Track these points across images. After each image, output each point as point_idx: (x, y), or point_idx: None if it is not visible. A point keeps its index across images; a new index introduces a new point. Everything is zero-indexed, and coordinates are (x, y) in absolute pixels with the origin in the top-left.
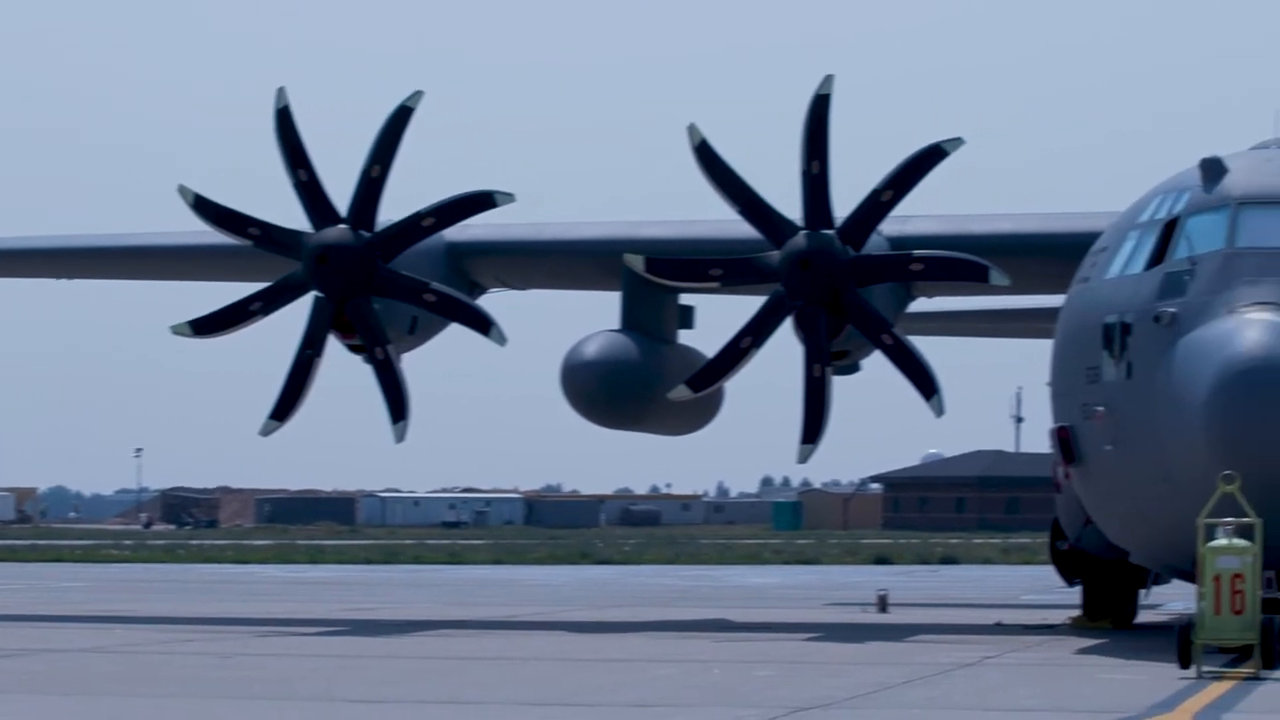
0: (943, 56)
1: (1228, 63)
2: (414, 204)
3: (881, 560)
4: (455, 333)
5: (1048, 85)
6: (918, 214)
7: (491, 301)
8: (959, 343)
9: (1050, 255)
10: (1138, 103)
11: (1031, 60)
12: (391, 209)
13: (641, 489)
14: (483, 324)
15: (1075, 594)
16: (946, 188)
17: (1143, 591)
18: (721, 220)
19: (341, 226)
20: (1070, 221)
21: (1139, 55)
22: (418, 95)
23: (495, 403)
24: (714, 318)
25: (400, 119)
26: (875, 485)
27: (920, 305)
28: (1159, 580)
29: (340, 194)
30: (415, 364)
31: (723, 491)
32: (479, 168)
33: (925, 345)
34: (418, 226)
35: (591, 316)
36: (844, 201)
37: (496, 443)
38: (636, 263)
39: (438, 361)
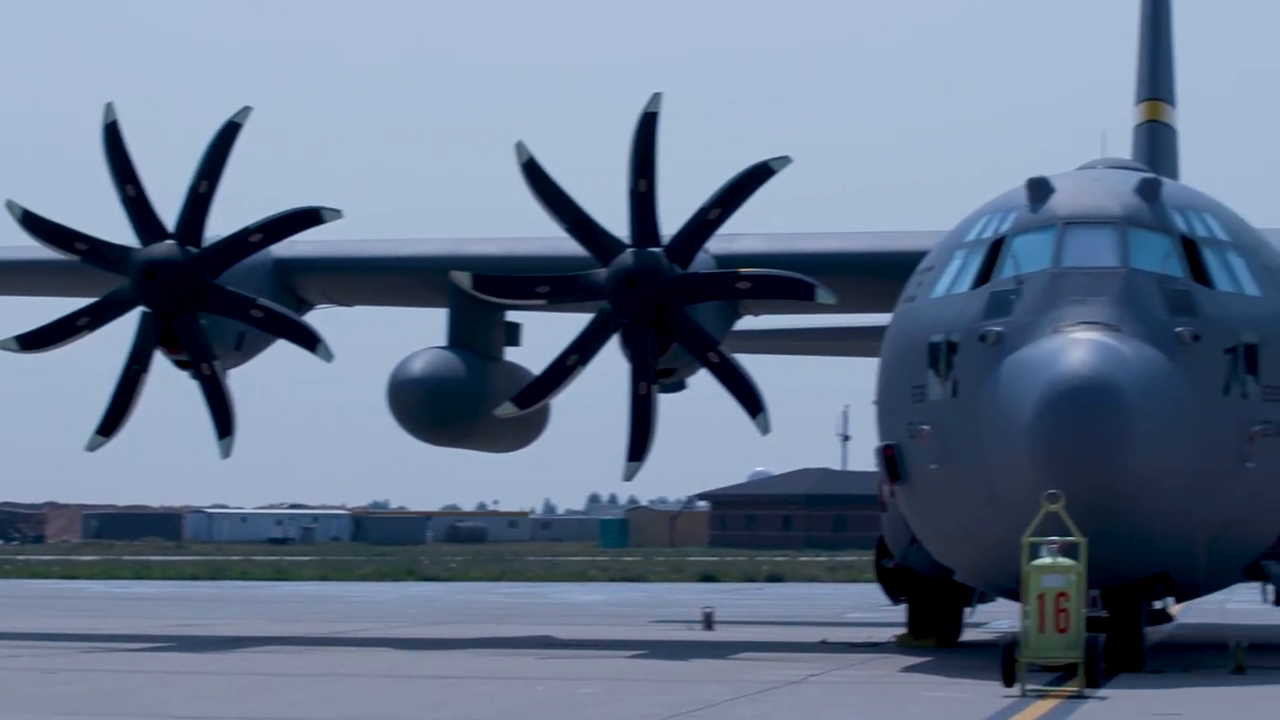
0: (773, 76)
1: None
2: (245, 219)
3: (707, 578)
4: (282, 349)
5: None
6: (746, 232)
7: (319, 318)
8: (786, 361)
9: (877, 274)
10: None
11: (860, 81)
12: (221, 224)
13: (468, 506)
14: (309, 340)
15: (901, 612)
16: (775, 206)
17: (968, 610)
18: (549, 238)
19: (169, 242)
20: (897, 240)
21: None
22: (246, 111)
23: (322, 419)
24: (541, 335)
25: (228, 135)
26: (702, 503)
27: (748, 323)
28: (984, 598)
29: (171, 210)
30: (242, 380)
31: (550, 509)
32: (308, 184)
33: (752, 363)
34: (245, 242)
35: (419, 333)
36: (676, 220)
37: (324, 459)
38: (463, 280)
39: (265, 377)
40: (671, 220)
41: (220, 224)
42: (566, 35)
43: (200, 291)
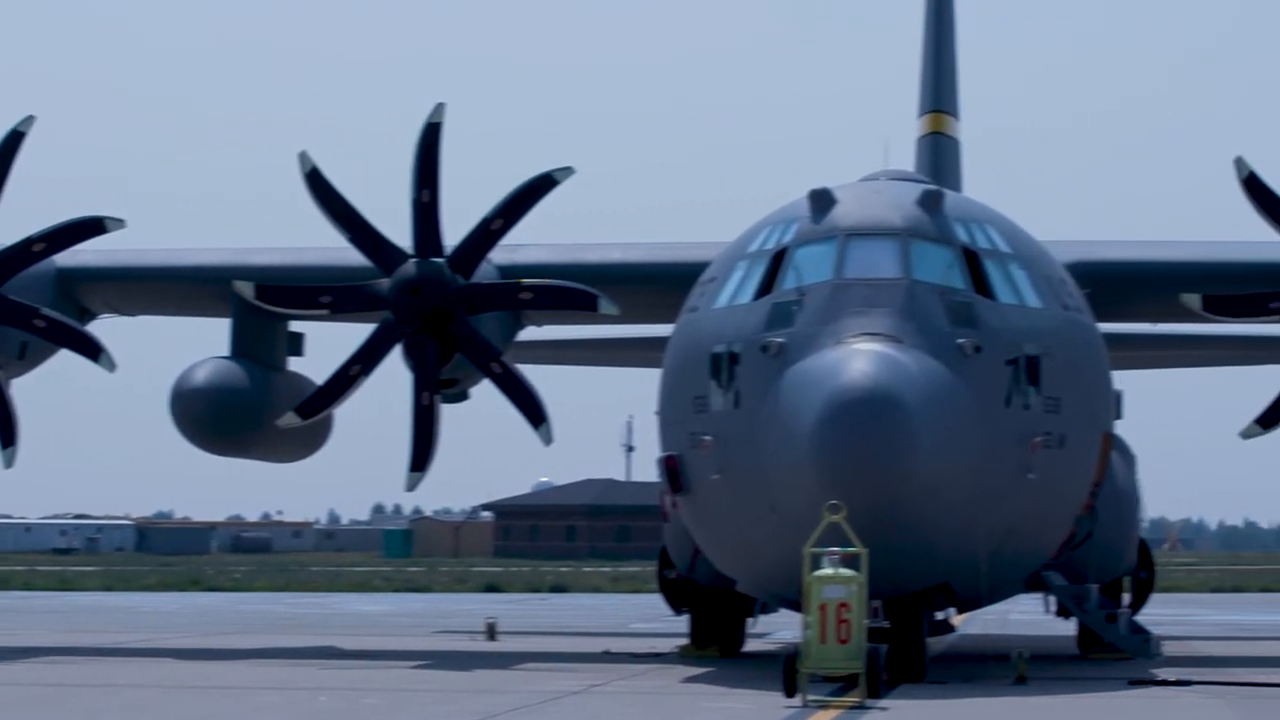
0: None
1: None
2: (29, 228)
3: (491, 588)
4: (66, 358)
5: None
6: (529, 243)
7: (102, 327)
8: (570, 371)
9: (660, 285)
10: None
11: (645, 93)
12: (4, 233)
13: (253, 516)
14: (92, 350)
15: (683, 622)
16: (558, 217)
17: (750, 620)
18: (334, 248)
19: None
20: (679, 251)
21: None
22: (29, 120)
23: (106, 429)
24: (324, 345)
25: (11, 144)
26: (486, 513)
27: (532, 333)
28: (767, 609)
29: None
30: (25, 389)
31: (334, 519)
32: (92, 194)
33: (536, 374)
34: (28, 252)
35: (202, 343)
36: (463, 230)
37: (108, 469)
38: (246, 290)
39: (48, 387)
40: (458, 231)
41: (3, 233)
42: (353, 45)
43: None
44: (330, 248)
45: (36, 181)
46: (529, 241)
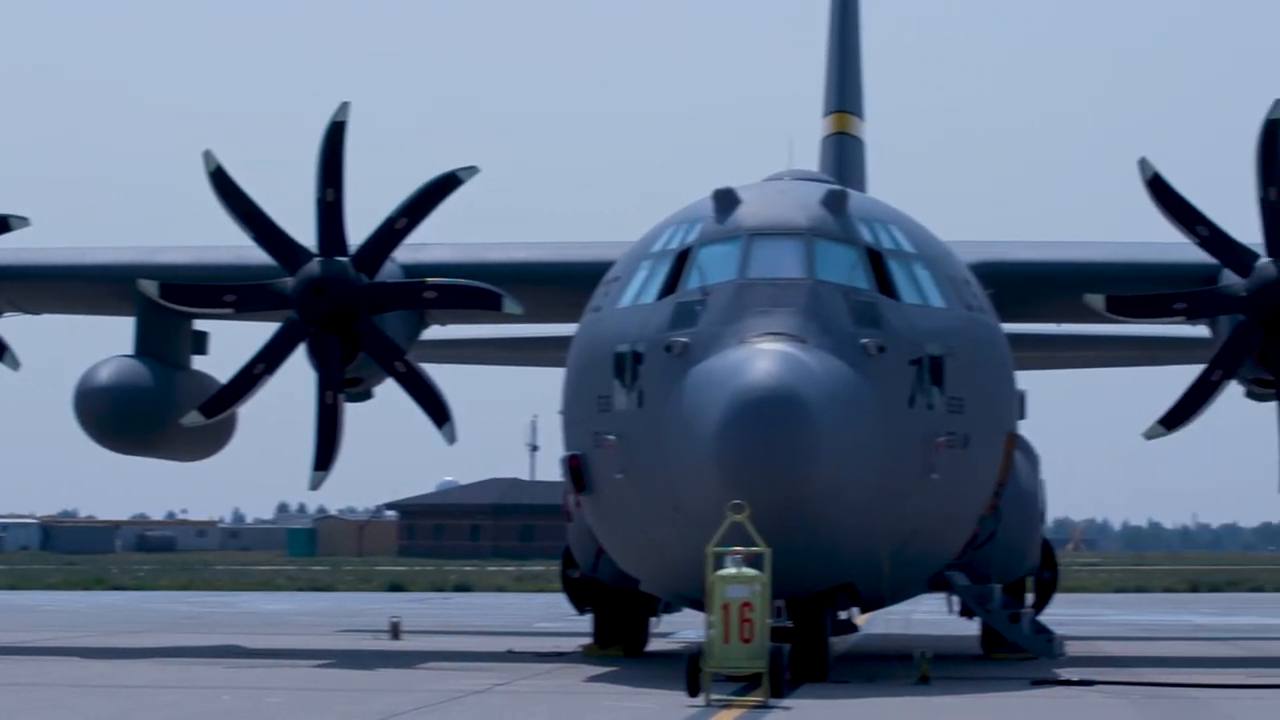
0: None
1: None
2: None
3: (395, 587)
4: None
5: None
6: (433, 242)
7: (6, 326)
8: (475, 371)
9: (564, 284)
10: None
11: (551, 91)
12: None
13: (158, 515)
14: None
15: (587, 622)
16: (463, 217)
17: (654, 620)
18: (238, 246)
19: None
20: (583, 251)
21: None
22: None
23: (10, 427)
24: (229, 344)
25: None
26: (390, 512)
27: (436, 333)
28: (670, 608)
29: None
30: None
31: (239, 518)
32: None
33: (441, 373)
34: None
35: (107, 341)
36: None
37: (12, 467)
38: (150, 288)
39: None
40: (364, 230)
41: None
42: (260, 44)
43: None
44: (236, 246)
45: None
46: (433, 241)
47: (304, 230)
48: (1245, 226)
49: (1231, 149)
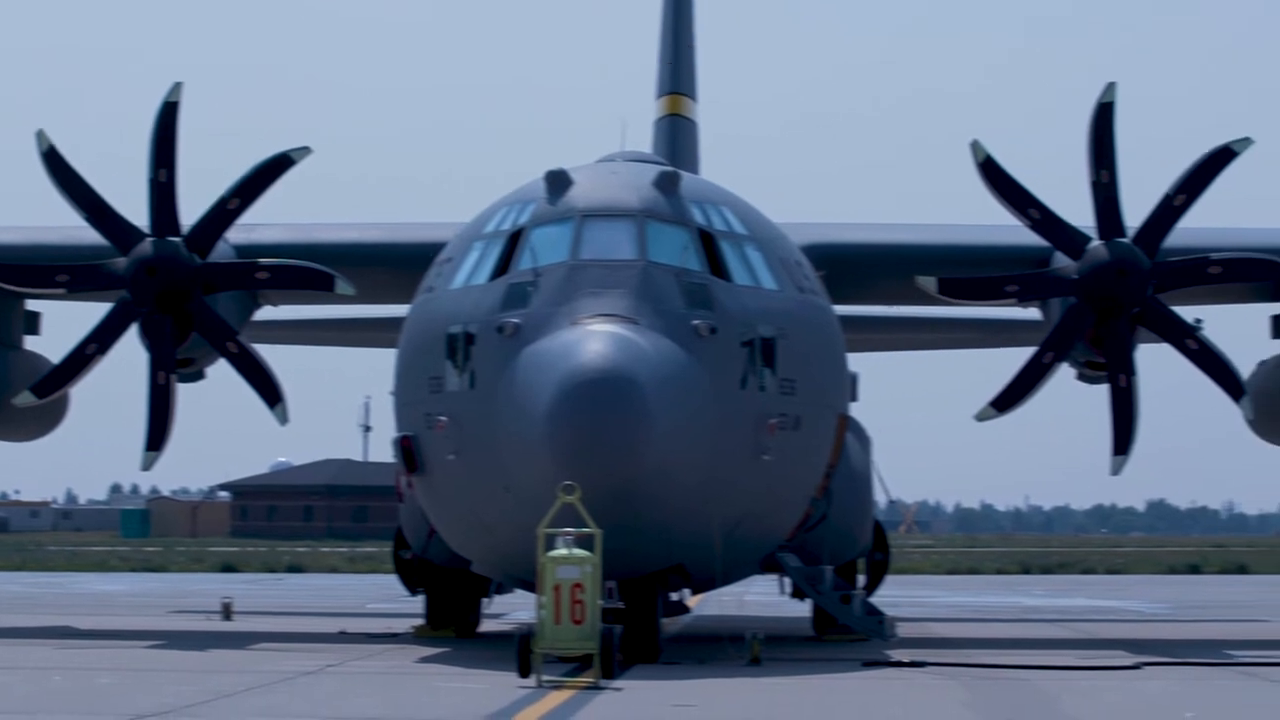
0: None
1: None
2: None
3: (228, 568)
4: None
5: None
6: (266, 223)
7: None
8: (309, 351)
9: (397, 265)
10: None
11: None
12: None
13: None
14: None
15: (420, 603)
16: (296, 197)
17: (486, 601)
18: (72, 227)
19: None
20: (416, 232)
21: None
22: None
23: None
24: (62, 324)
25: None
26: (224, 493)
27: (270, 313)
28: (502, 589)
29: None
30: None
31: (71, 498)
32: None
33: (274, 354)
34: None
35: None
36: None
37: None
38: None
39: None
40: (197, 210)
41: None
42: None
43: None
44: (68, 227)
45: None
46: (266, 221)
47: (138, 211)
48: (1080, 209)
49: (1066, 132)
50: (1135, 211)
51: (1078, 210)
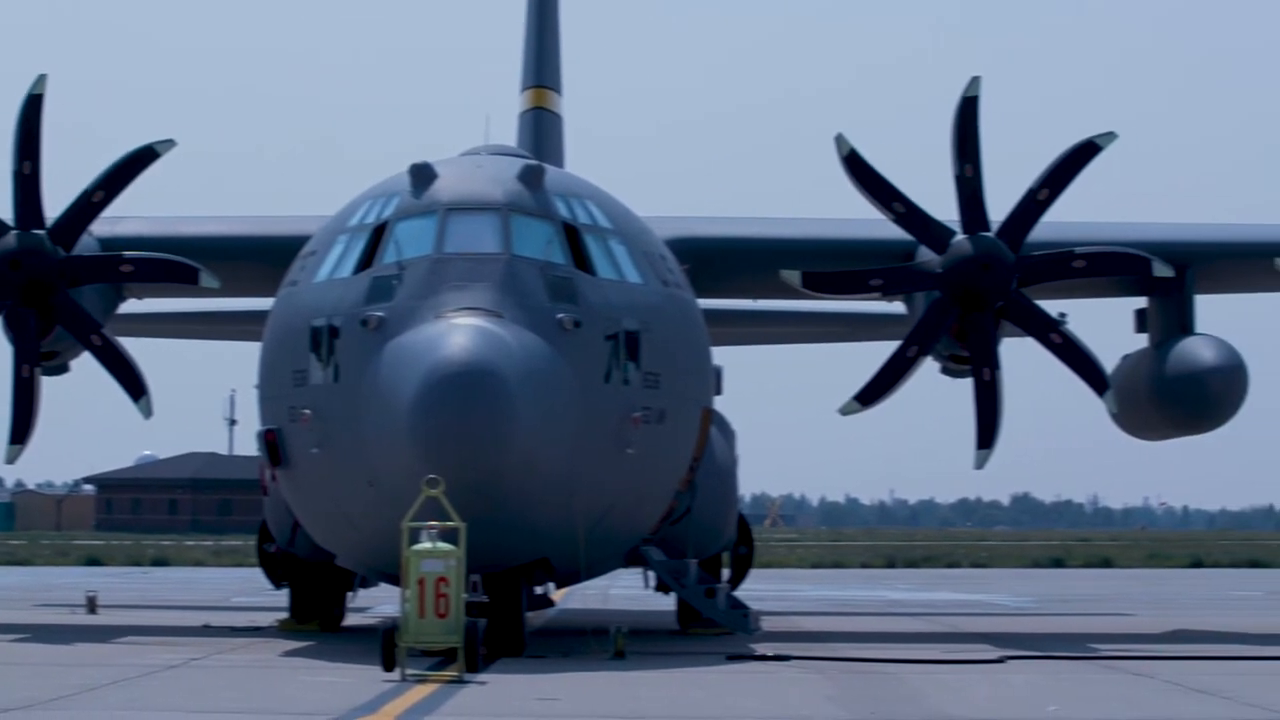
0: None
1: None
2: None
3: (93, 561)
4: None
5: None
6: (130, 215)
7: None
8: (174, 344)
9: (261, 258)
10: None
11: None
12: None
13: None
14: None
15: (284, 596)
16: (160, 190)
17: (351, 594)
18: None
19: None
20: (280, 225)
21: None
22: None
23: None
24: None
25: None
26: (88, 486)
27: (134, 306)
28: (366, 583)
29: None
30: None
31: None
32: None
33: (139, 347)
34: None
35: None
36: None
37: None
38: None
39: None
40: (61, 203)
41: None
42: None
43: None
44: None
45: None
46: (130, 214)
47: (3, 205)
48: (948, 205)
49: (934, 127)
50: (1003, 206)
51: (946, 206)
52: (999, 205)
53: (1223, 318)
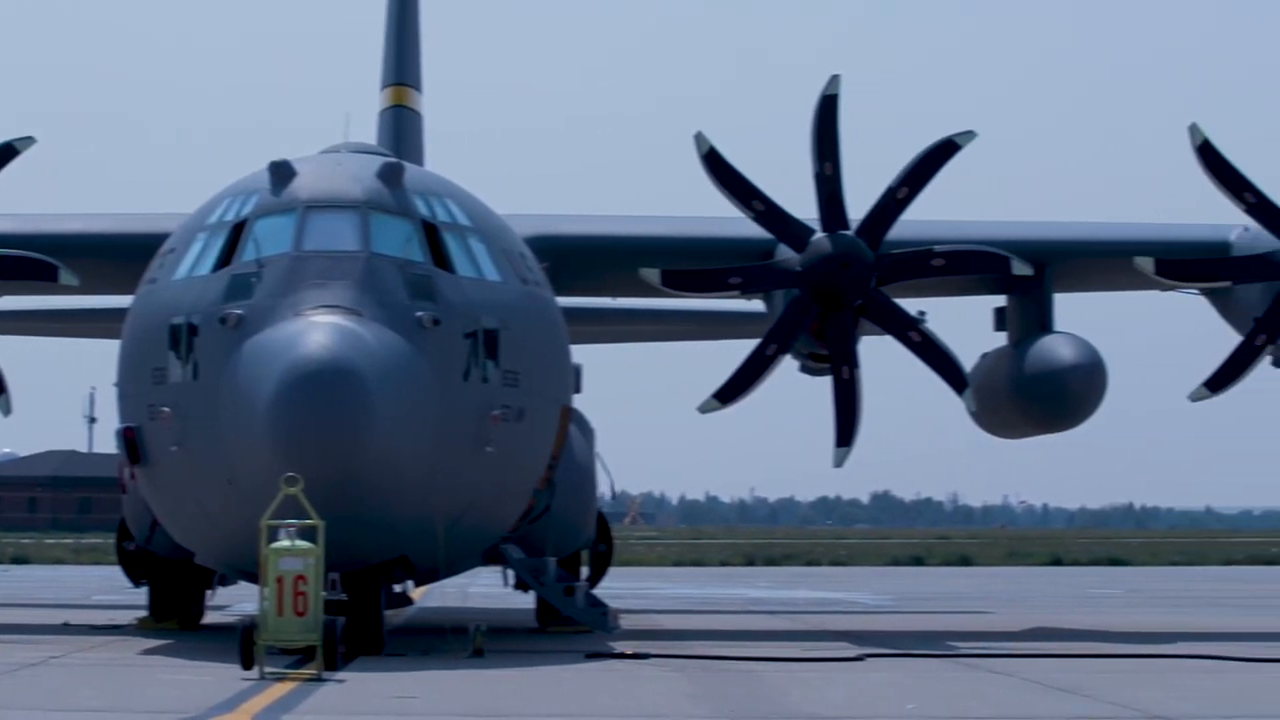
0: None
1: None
2: None
3: None
4: None
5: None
6: None
7: None
8: (33, 342)
9: (122, 256)
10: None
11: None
12: None
13: None
14: None
15: (143, 594)
16: (22, 186)
17: (210, 592)
18: None
19: None
20: (139, 222)
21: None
22: None
23: None
24: None
25: None
26: None
27: None
28: (226, 581)
29: None
30: None
31: None
32: None
33: (1, 344)
34: None
35: None
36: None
37: None
38: None
39: None
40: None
41: None
42: None
43: None
44: None
45: None
46: None
47: None
48: (808, 204)
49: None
50: (864, 205)
51: (809, 206)
52: (859, 204)
53: (1082, 316)
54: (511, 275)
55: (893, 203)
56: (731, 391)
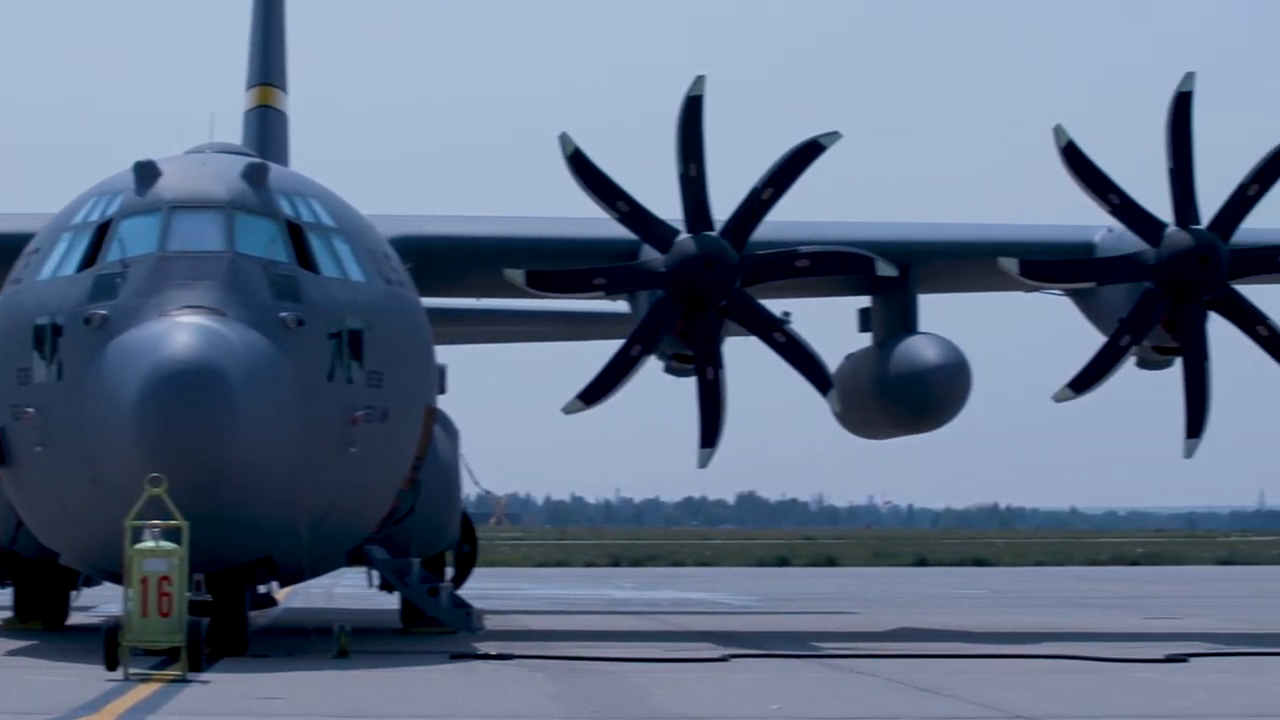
0: None
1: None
2: None
3: None
4: None
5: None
6: None
7: None
8: None
9: None
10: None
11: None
12: None
13: None
14: None
15: (7, 595)
16: None
17: (75, 593)
18: None
19: None
20: (4, 222)
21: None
22: None
23: None
24: None
25: None
26: None
27: None
28: (91, 582)
29: None
30: None
31: None
32: None
33: None
34: None
35: None
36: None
37: None
38: None
39: None
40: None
41: None
42: None
43: None
44: None
45: None
46: None
47: None
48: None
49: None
50: (729, 206)
51: (675, 206)
52: (725, 205)
53: (946, 317)
54: (376, 276)
55: (757, 203)
56: (596, 392)
